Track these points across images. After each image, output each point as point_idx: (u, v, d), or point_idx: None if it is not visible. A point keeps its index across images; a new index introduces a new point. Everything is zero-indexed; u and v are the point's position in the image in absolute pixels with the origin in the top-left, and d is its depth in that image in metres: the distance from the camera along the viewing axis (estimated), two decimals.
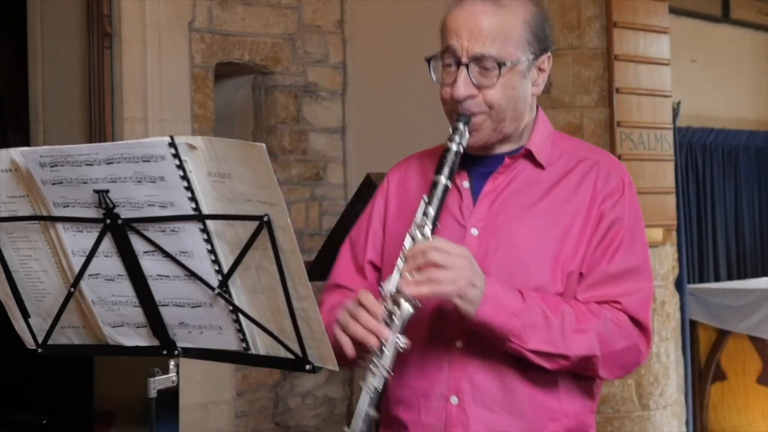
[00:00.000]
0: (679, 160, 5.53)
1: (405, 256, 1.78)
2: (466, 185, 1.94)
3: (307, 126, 5.01)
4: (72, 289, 1.78)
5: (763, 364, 5.39)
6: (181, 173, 1.59)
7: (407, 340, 1.76)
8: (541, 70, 1.91)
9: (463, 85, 1.84)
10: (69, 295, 1.79)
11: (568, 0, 4.43)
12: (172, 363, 1.79)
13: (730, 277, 6.39)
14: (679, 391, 4.83)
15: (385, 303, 1.77)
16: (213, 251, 1.66)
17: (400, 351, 1.76)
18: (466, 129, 1.85)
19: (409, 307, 1.75)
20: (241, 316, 1.71)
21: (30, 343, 1.90)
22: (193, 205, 1.62)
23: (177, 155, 1.58)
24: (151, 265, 1.70)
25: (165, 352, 1.79)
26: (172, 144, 1.57)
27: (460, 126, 1.85)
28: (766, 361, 5.38)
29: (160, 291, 1.73)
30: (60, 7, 4.52)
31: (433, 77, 1.91)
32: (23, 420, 2.35)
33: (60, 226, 1.73)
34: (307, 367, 1.69)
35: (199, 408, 4.41)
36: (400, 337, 1.75)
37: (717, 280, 6.27)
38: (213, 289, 1.68)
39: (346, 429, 1.76)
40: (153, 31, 4.34)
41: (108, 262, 1.73)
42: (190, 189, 1.60)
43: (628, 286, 1.88)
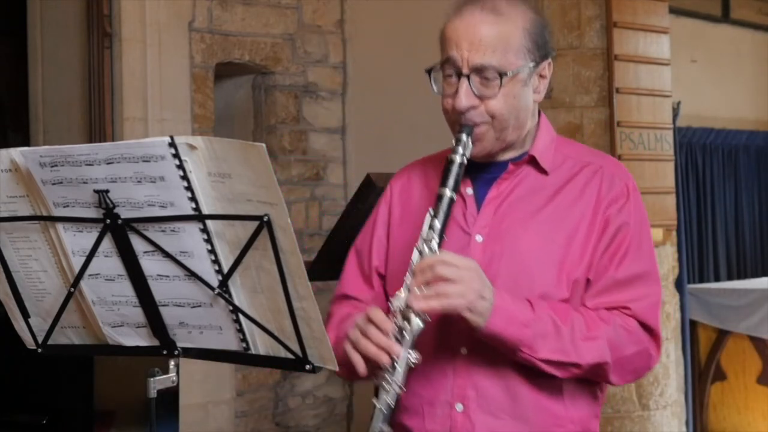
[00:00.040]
0: (679, 160, 5.52)
1: (413, 271, 1.77)
2: (470, 192, 1.93)
3: (307, 126, 5.01)
4: (72, 289, 1.78)
5: (763, 364, 5.39)
6: (181, 173, 1.59)
7: (418, 355, 1.76)
8: (542, 76, 1.91)
9: (465, 97, 1.83)
10: (69, 295, 1.79)
11: (568, 0, 4.42)
12: (172, 363, 1.79)
13: (730, 277, 6.38)
14: (679, 391, 4.83)
15: (395, 319, 1.76)
16: (213, 251, 1.66)
17: (412, 366, 1.76)
18: (469, 140, 1.84)
19: (419, 321, 1.75)
20: (241, 316, 1.71)
21: (30, 343, 1.90)
22: (193, 205, 1.62)
23: (177, 155, 1.58)
24: (151, 265, 1.70)
25: (165, 352, 1.79)
26: (172, 144, 1.57)
27: (463, 137, 1.84)
28: (766, 361, 5.37)
29: (160, 291, 1.73)
30: (60, 7, 4.52)
31: (434, 88, 1.89)
32: (23, 420, 2.35)
33: (60, 226, 1.73)
34: (307, 367, 1.69)
35: (199, 408, 4.41)
36: (411, 352, 1.75)
37: (717, 280, 6.27)
38: (213, 289, 1.68)
39: None
40: (153, 31, 4.33)
41: (108, 262, 1.73)
42: (190, 189, 1.60)
43: (637, 291, 1.87)
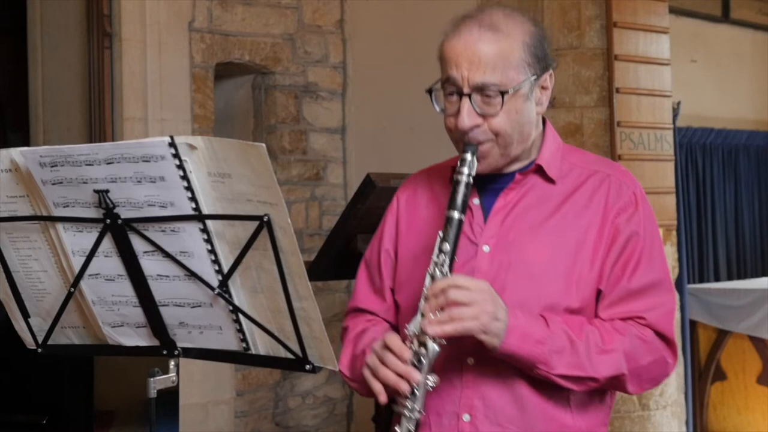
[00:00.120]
0: (679, 160, 5.52)
1: (426, 296, 1.77)
2: (477, 202, 1.92)
3: (307, 126, 5.01)
4: (72, 289, 1.78)
5: (763, 364, 5.39)
6: (181, 173, 1.59)
7: (436, 378, 1.77)
8: (543, 88, 1.89)
9: (468, 116, 1.81)
10: (69, 295, 1.79)
11: (568, 0, 4.42)
12: (172, 363, 1.79)
13: (730, 277, 6.38)
14: (679, 391, 4.82)
15: (411, 344, 1.77)
16: (213, 251, 1.66)
17: (429, 390, 1.77)
18: (474, 158, 1.83)
19: (435, 346, 1.75)
20: (241, 316, 1.71)
21: (30, 343, 1.90)
22: (193, 205, 1.62)
23: (177, 155, 1.58)
24: (151, 265, 1.70)
25: (165, 352, 1.79)
26: (172, 144, 1.57)
27: (468, 156, 1.83)
28: (766, 361, 5.37)
29: (160, 291, 1.73)
30: (60, 6, 4.52)
31: (437, 108, 1.88)
32: (23, 420, 2.35)
33: (60, 226, 1.73)
34: (307, 367, 1.69)
35: (199, 408, 4.41)
36: (429, 377, 1.76)
37: (717, 280, 6.27)
38: (213, 289, 1.68)
39: None
40: (153, 31, 4.33)
41: (108, 262, 1.73)
42: (190, 189, 1.60)
43: (651, 300, 1.87)
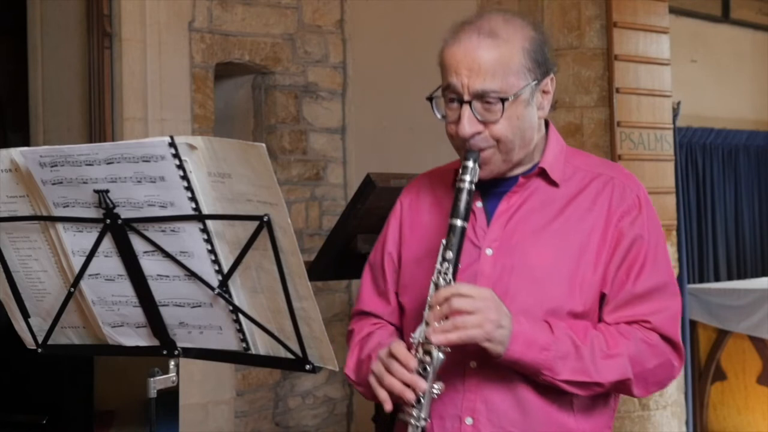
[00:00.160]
0: (679, 160, 5.52)
1: (430, 305, 1.77)
2: (480, 205, 1.92)
3: (307, 126, 5.00)
4: (72, 289, 1.78)
5: (763, 364, 5.39)
6: (181, 173, 1.59)
7: (441, 385, 1.77)
8: (545, 92, 1.89)
9: (468, 124, 1.81)
10: (69, 295, 1.79)
11: (568, 0, 4.42)
12: (172, 363, 1.79)
13: (730, 277, 6.38)
14: (679, 391, 4.82)
15: (417, 353, 1.77)
16: (213, 251, 1.66)
17: (435, 398, 1.77)
18: (476, 165, 1.83)
19: (440, 354, 1.76)
20: (241, 316, 1.71)
21: (30, 343, 1.90)
22: (193, 205, 1.62)
23: (177, 155, 1.58)
24: (151, 265, 1.70)
25: (165, 352, 1.79)
26: (172, 144, 1.57)
27: (470, 163, 1.82)
28: (766, 361, 5.37)
29: (160, 291, 1.73)
30: (60, 6, 4.52)
31: (438, 115, 1.88)
32: (23, 420, 2.35)
33: (60, 226, 1.73)
34: (307, 367, 1.69)
35: (199, 408, 4.41)
36: (435, 385, 1.76)
37: (717, 280, 6.26)
38: (213, 289, 1.68)
39: None
40: (153, 31, 4.33)
41: (108, 262, 1.73)
42: (190, 189, 1.60)
43: (657, 304, 1.87)
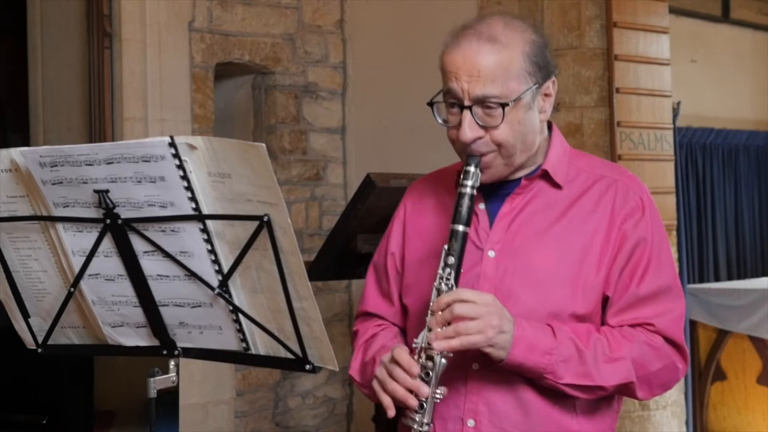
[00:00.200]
0: (679, 160, 5.52)
1: (432, 310, 1.77)
2: (482, 207, 1.92)
3: (307, 126, 5.00)
4: (72, 289, 1.78)
5: (763, 364, 5.39)
6: (181, 173, 1.59)
7: (444, 390, 1.77)
8: (546, 95, 1.88)
9: (469, 129, 1.81)
10: (69, 295, 1.79)
11: (568, 0, 4.42)
12: (172, 363, 1.79)
13: (730, 277, 6.38)
14: (679, 391, 4.82)
15: (419, 358, 1.77)
16: (213, 251, 1.66)
17: (437, 402, 1.77)
18: (477, 170, 1.83)
19: (442, 359, 1.76)
20: (241, 316, 1.71)
21: (30, 343, 1.90)
22: (193, 205, 1.62)
23: (177, 155, 1.58)
24: (151, 265, 1.70)
25: (165, 352, 1.79)
26: (172, 144, 1.57)
27: (471, 168, 1.82)
28: (766, 361, 5.37)
29: (160, 291, 1.73)
30: (60, 6, 4.52)
31: (439, 120, 1.88)
32: (23, 420, 2.35)
33: (60, 226, 1.73)
34: (307, 367, 1.69)
35: (199, 408, 4.41)
36: (437, 390, 1.77)
37: (717, 280, 6.26)
38: (213, 289, 1.68)
39: None
40: (153, 31, 4.33)
41: (108, 262, 1.73)
42: (190, 189, 1.60)
43: (661, 306, 1.86)
